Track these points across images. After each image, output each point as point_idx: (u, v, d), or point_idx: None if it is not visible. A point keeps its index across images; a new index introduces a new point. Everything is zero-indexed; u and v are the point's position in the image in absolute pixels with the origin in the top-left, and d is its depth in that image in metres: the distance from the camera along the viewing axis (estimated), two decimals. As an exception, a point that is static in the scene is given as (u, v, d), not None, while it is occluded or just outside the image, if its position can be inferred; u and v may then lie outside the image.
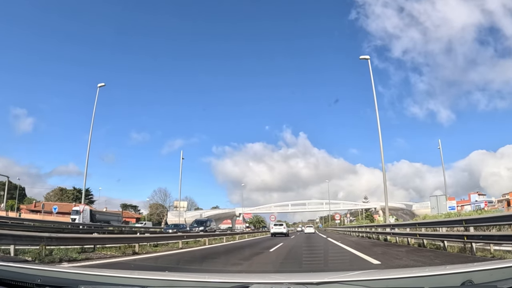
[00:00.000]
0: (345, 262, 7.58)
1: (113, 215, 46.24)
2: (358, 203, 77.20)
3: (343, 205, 75.07)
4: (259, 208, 78.95)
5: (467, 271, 1.39)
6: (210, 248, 13.06)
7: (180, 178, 41.93)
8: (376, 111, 21.12)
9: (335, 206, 73.86)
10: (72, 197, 60.68)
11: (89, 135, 25.18)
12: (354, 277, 1.47)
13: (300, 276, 1.98)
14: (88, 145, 25.01)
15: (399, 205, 65.96)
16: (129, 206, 74.92)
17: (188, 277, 1.69)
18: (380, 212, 71.34)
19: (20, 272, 1.68)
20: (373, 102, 20.53)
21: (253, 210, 79.07)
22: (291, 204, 78.05)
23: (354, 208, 78.96)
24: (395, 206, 65.27)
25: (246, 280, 1.38)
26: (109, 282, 1.61)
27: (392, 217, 62.09)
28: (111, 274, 1.78)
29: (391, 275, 1.46)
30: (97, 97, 25.43)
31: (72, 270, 1.82)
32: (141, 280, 1.54)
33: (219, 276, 1.97)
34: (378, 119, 21.05)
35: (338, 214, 65.57)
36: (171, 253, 10.58)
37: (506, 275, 1.38)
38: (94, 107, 25.73)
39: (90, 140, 25.04)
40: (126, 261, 7.91)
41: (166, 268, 6.94)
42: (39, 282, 1.53)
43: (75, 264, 6.69)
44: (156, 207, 70.67)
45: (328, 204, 70.51)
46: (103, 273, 1.81)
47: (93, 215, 38.92)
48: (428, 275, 1.43)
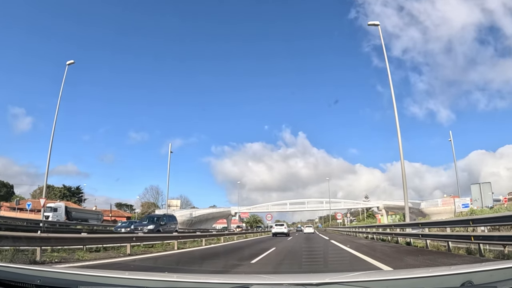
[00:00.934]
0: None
1: (91, 213, 45.70)
2: (359, 202, 77.49)
3: (344, 204, 75.39)
4: (256, 207, 79.06)
5: (467, 272, 1.47)
6: (161, 258, 10.11)
7: (168, 173, 39.53)
8: (390, 86, 19.27)
9: (336, 205, 73.95)
10: (60, 195, 60.74)
11: (53, 127, 24.77)
12: (354, 278, 1.54)
13: (300, 277, 2.08)
14: (51, 141, 24.45)
15: (403, 203, 65.87)
16: (124, 205, 75.42)
17: (188, 278, 1.77)
18: (383, 211, 71.20)
19: (19, 273, 1.76)
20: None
21: (250, 209, 79.08)
22: (289, 203, 78.32)
23: (355, 208, 79.34)
24: (399, 204, 64.90)
25: (245, 281, 1.45)
26: (108, 283, 1.68)
27: (395, 216, 62.40)
28: (111, 275, 1.86)
29: (391, 276, 1.53)
30: (65, 76, 25.12)
31: (71, 271, 1.91)
32: (140, 281, 1.62)
33: (219, 277, 2.07)
34: (394, 100, 18.83)
35: (340, 213, 64.73)
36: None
37: (507, 275, 1.45)
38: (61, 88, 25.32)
39: (53, 135, 24.64)
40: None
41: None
42: (38, 283, 1.61)
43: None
44: (148, 205, 70.82)
45: (328, 203, 70.64)
46: (103, 274, 1.90)
47: (69, 212, 38.85)
48: (428, 276, 1.50)
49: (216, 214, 74.74)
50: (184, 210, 69.00)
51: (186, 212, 66.70)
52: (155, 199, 72.58)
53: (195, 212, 68.20)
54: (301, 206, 78.20)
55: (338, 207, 75.15)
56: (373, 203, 74.92)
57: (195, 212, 68.78)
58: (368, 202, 76.53)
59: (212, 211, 74.02)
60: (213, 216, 73.80)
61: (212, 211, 73.88)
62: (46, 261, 7.73)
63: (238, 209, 76.43)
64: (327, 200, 71.93)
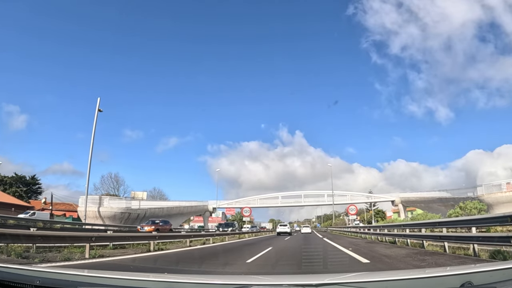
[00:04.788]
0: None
1: None
2: (370, 195, 79.08)
3: (350, 197, 75.72)
4: (239, 201, 77.77)
5: (467, 273, 1.88)
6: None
7: (92, 142, 34.97)
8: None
9: (340, 199, 74.78)
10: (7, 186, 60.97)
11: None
12: (353, 279, 1.95)
13: (299, 278, 2.56)
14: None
15: (435, 194, 61.14)
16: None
17: (188, 278, 2.19)
18: (399, 206, 71.59)
19: (19, 273, 2.17)
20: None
21: (232, 204, 78.03)
22: (281, 196, 78.49)
23: (365, 202, 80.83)
24: (426, 196, 63.61)
25: (245, 282, 1.85)
26: (108, 283, 2.08)
27: (415, 212, 63.42)
28: (110, 275, 2.27)
29: (390, 277, 1.95)
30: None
31: (71, 272, 2.34)
32: (140, 281, 2.03)
33: (219, 278, 2.53)
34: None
35: (353, 205, 53.04)
36: None
37: (506, 276, 1.86)
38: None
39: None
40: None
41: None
42: (38, 284, 2.00)
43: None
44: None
45: (330, 196, 71.21)
46: (102, 275, 2.30)
47: None
48: (427, 277, 1.92)
49: (185, 209, 70.79)
50: (118, 200, 59.80)
51: (121, 203, 56.97)
52: (115, 189, 72.49)
53: (144, 205, 60.81)
54: (297, 201, 78.57)
55: (342, 201, 76.06)
56: (386, 196, 75.93)
57: (151, 205, 62.31)
58: (380, 195, 78.13)
59: (178, 204, 69.61)
60: (180, 212, 68.66)
61: (179, 205, 69.46)
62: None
63: (217, 204, 74.93)
64: (329, 192, 72.43)
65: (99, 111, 35.13)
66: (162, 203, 68.16)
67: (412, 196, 69.36)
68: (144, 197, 66.64)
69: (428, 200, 62.80)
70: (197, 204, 75.46)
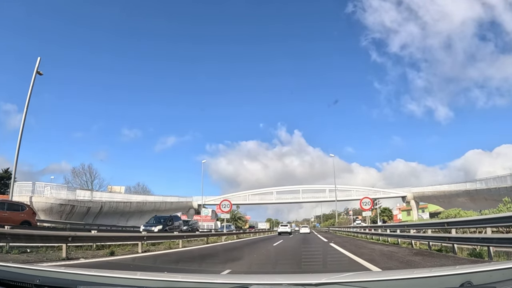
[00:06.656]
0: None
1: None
2: (378, 190, 79.45)
3: (356, 192, 75.98)
4: (228, 197, 72.38)
5: (466, 273, 2.12)
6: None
7: (26, 107, 32.38)
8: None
9: (344, 194, 75.35)
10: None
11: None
12: (352, 278, 2.22)
13: (299, 277, 2.88)
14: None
15: (460, 187, 58.14)
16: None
17: (188, 277, 2.49)
18: (412, 203, 71.97)
19: (19, 272, 2.44)
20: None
21: (218, 200, 76.05)
22: (276, 191, 78.98)
23: (373, 197, 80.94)
24: (447, 189, 61.53)
25: (245, 281, 2.11)
26: (108, 282, 2.34)
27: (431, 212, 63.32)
28: (110, 274, 2.55)
29: (390, 277, 2.22)
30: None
31: (70, 271, 2.60)
32: (140, 280, 2.30)
33: (218, 277, 2.84)
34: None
35: (368, 197, 43.03)
36: None
37: (506, 276, 2.09)
38: None
39: None
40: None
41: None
42: (37, 283, 2.26)
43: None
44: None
45: (332, 191, 71.49)
46: (102, 274, 2.59)
47: None
48: (427, 277, 2.19)
49: (162, 206, 65.46)
50: (63, 189, 48.15)
51: (60, 193, 46.07)
52: (89, 181, 71.92)
53: (102, 197, 54.00)
54: (295, 197, 79.17)
55: (346, 197, 76.39)
56: (396, 191, 76.50)
57: (105, 197, 55.27)
58: (390, 190, 78.57)
59: (150, 199, 65.20)
60: (156, 208, 61.82)
61: (152, 200, 65.23)
62: None
63: (202, 200, 74.22)
64: (331, 187, 72.65)
65: (38, 73, 33.81)
66: (131, 197, 62.35)
67: (428, 191, 69.08)
68: (122, 191, 66.05)
69: (450, 194, 60.47)
70: (179, 200, 73.65)
